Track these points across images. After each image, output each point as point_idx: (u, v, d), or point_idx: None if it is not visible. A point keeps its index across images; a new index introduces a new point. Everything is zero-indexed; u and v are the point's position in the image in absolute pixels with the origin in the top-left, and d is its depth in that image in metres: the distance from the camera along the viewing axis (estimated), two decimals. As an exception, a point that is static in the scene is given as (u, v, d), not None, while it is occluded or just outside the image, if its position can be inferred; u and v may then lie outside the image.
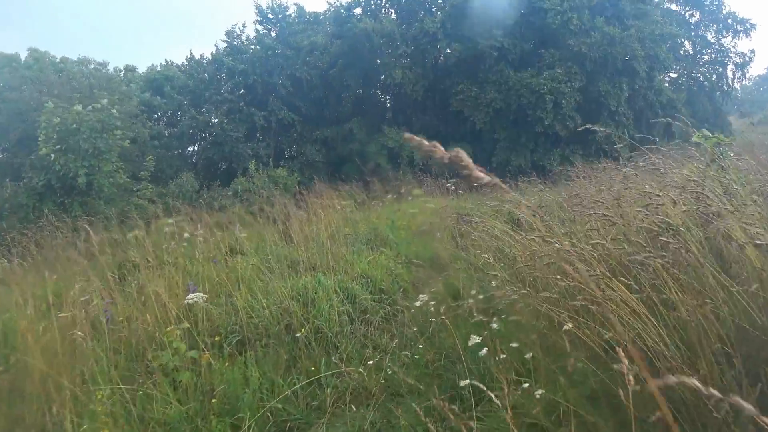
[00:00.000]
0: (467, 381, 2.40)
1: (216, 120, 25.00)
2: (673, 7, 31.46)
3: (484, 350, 3.21)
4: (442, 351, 3.99)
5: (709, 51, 32.85)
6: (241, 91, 28.05)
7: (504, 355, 3.17)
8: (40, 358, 3.52)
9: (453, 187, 13.36)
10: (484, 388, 2.02)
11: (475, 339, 3.10)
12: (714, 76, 32.48)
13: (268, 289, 5.12)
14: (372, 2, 29.15)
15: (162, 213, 13.78)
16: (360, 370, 3.95)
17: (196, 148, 28.54)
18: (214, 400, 3.57)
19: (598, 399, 2.57)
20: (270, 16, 28.97)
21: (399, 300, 5.46)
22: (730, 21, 31.89)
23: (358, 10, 28.78)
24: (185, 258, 7.59)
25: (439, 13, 25.58)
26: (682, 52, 29.83)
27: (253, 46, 28.03)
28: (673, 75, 30.34)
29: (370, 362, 3.90)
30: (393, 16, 28.44)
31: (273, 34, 29.14)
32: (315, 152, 25.61)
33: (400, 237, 8.06)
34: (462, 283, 5.07)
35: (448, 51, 25.34)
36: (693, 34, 30.90)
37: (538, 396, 2.62)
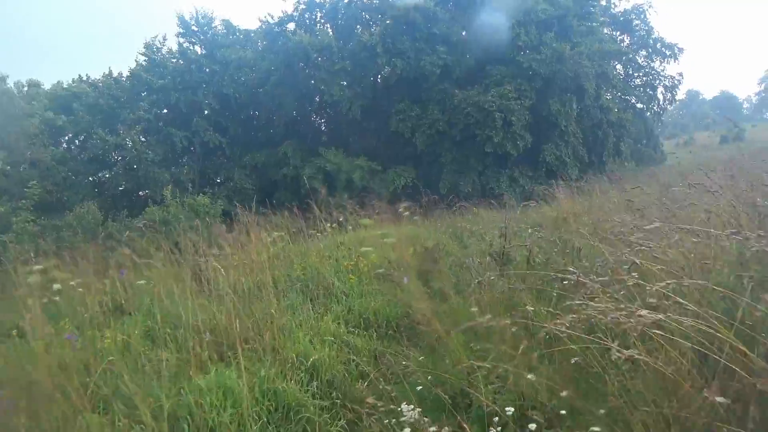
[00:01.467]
0: None
1: (130, 142, 22.09)
2: (605, 31, 31.80)
3: None
4: None
5: (640, 74, 33.52)
6: (164, 111, 25.35)
7: None
8: None
9: (407, 213, 11.46)
10: None
11: None
12: (646, 98, 33.20)
13: (137, 401, 2.93)
14: (306, 17, 27.36)
15: (45, 251, 11.05)
16: None
17: (109, 174, 25.40)
18: None
19: None
20: (194, 28, 26.50)
21: (360, 398, 3.41)
22: (658, 46, 32.72)
23: (291, 26, 26.89)
24: (41, 327, 5.24)
25: (377, 27, 24.13)
26: (615, 73, 30.06)
27: (174, 60, 25.42)
28: (608, 96, 30.62)
29: None
30: (329, 31, 26.72)
31: (197, 48, 26.67)
32: (244, 177, 23.15)
33: (350, 284, 5.99)
34: (467, 375, 3.11)
35: (388, 68, 23.85)
36: (624, 58, 31.27)
37: None
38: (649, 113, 33.80)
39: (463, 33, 24.00)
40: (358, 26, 25.89)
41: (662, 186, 7.50)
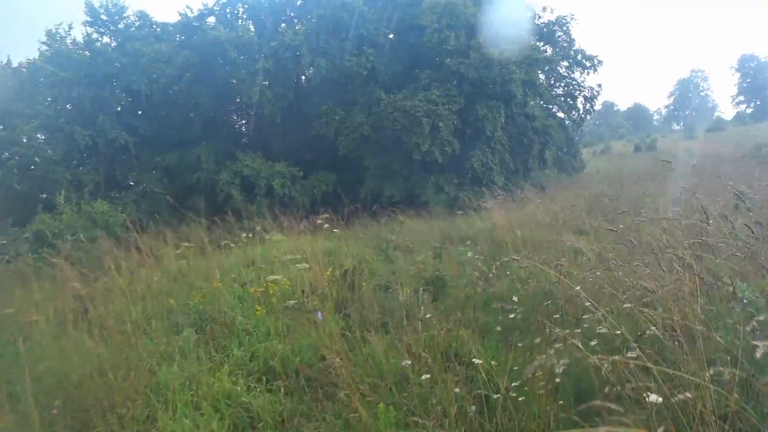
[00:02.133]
0: None
1: (25, 139, 19.89)
2: (531, 40, 32.38)
3: None
4: None
5: (562, 84, 34.48)
6: (67, 106, 23.14)
7: None
8: None
9: (326, 225, 10.67)
10: None
11: None
12: (566, 107, 34.20)
13: None
14: (228, 12, 25.90)
15: None
16: None
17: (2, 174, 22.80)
18: None
19: None
20: (104, 17, 24.37)
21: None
22: (579, 57, 33.71)
23: (211, 20, 25.34)
24: None
25: (301, 26, 23.17)
26: (540, 82, 30.69)
27: (80, 51, 23.26)
28: (532, 104, 31.25)
29: None
30: (251, 28, 25.40)
31: (107, 40, 24.57)
32: (155, 181, 21.42)
33: (256, 320, 5.09)
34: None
35: (312, 69, 22.93)
36: (548, 67, 32.07)
37: None
38: (569, 122, 34.84)
39: (391, 36, 23.55)
40: (283, 24, 24.81)
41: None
